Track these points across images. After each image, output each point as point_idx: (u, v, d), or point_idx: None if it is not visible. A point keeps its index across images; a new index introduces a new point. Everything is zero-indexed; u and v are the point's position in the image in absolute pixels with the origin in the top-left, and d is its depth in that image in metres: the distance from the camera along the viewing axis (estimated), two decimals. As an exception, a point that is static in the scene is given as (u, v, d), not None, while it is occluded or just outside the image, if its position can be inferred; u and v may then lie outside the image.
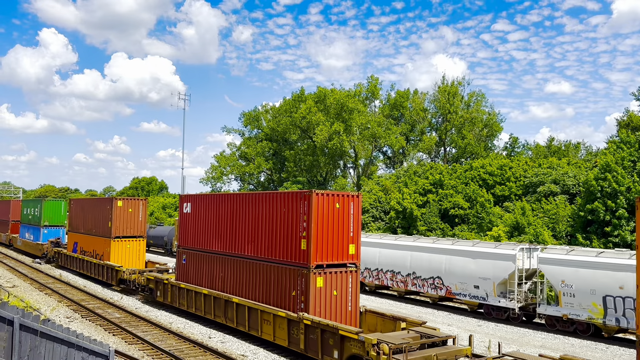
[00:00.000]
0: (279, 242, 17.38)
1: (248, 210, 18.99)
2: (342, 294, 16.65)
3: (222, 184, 75.62)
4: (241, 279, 18.96)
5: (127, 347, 17.66)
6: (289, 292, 16.77)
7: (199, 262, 21.40)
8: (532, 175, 41.65)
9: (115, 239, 29.56)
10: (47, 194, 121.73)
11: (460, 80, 61.84)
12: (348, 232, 16.84)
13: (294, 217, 16.82)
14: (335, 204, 16.70)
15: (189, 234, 22.26)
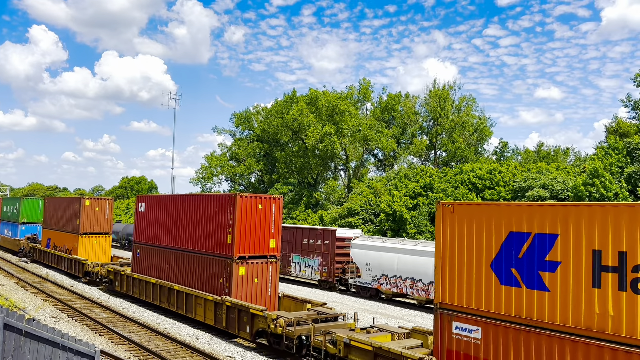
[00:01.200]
0: (211, 237, 20.03)
1: (188, 210, 21.67)
2: (262, 281, 19.44)
3: (213, 184, 75.40)
4: (182, 269, 21.60)
5: (113, 347, 17.51)
6: (217, 279, 19.48)
7: (150, 255, 23.89)
8: (521, 179, 41.96)
9: (82, 235, 32.03)
10: (35, 193, 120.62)
11: (452, 85, 62.25)
12: (269, 229, 19.65)
13: (222, 216, 19.47)
14: (258, 205, 19.49)
15: (142, 230, 24.58)
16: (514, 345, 10.56)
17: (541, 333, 10.16)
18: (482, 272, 11.27)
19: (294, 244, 33.85)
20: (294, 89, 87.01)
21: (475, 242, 11.45)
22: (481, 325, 11.13)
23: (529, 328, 10.36)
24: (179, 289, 21.21)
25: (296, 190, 63.63)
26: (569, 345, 9.59)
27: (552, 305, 10.14)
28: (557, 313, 10.04)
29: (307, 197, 60.76)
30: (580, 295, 9.77)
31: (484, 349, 10.97)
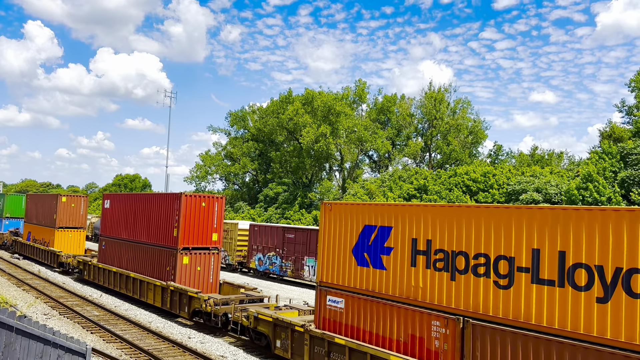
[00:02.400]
0: (161, 231, 22.70)
1: (143, 207, 24.41)
2: (205, 270, 22.03)
3: (207, 183, 75.26)
4: (138, 259, 24.33)
5: (105, 345, 17.43)
6: (165, 267, 22.10)
7: (113, 247, 26.64)
8: (515, 183, 42.13)
9: (58, 229, 34.43)
10: (29, 189, 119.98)
11: (447, 87, 62.45)
12: (212, 224, 22.17)
13: (170, 212, 22.17)
14: (202, 203, 22.06)
15: (107, 224, 27.36)
16: (364, 312, 13.60)
17: (380, 302, 13.14)
18: (347, 256, 14.18)
19: (308, 247, 32.07)
20: (289, 89, 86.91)
21: (343, 233, 14.34)
22: (344, 297, 14.08)
23: (374, 298, 13.30)
24: (134, 276, 23.97)
25: (291, 190, 63.59)
26: (395, 310, 12.82)
27: (387, 281, 13.11)
28: (390, 286, 13.01)
29: (301, 197, 60.74)
30: (404, 272, 12.73)
31: (345, 316, 14.06)
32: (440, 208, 12.34)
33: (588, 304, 9.63)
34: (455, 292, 11.67)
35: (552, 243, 10.24)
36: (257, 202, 66.69)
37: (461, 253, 11.64)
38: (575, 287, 9.81)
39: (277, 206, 61.87)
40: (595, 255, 9.63)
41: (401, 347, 12.50)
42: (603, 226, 9.56)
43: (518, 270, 10.66)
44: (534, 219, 10.54)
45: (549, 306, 10.14)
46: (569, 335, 9.76)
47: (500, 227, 10.99)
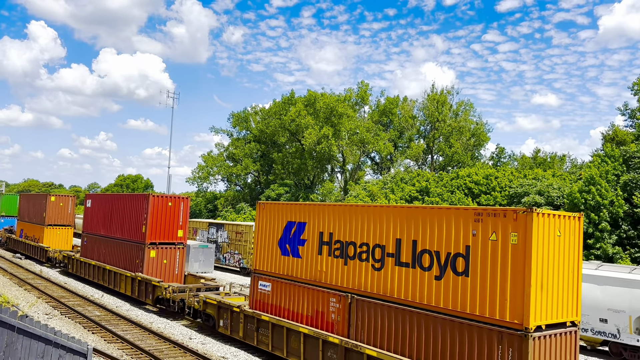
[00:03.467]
0: (132, 227, 25.40)
1: (117, 206, 27.22)
2: (170, 262, 24.68)
3: (209, 184, 75.30)
4: (113, 253, 27.08)
5: (106, 345, 17.44)
6: (134, 260, 24.81)
7: (93, 242, 29.37)
8: (517, 185, 42.05)
9: (48, 227, 37.06)
10: (31, 189, 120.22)
11: (450, 89, 62.39)
12: (178, 222, 24.83)
13: (140, 211, 24.81)
14: (168, 203, 24.76)
15: (88, 222, 30.13)
16: (285, 293, 16.37)
17: (296, 285, 15.98)
18: (274, 247, 16.97)
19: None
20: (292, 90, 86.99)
21: (272, 228, 17.10)
22: (271, 282, 16.91)
23: (292, 282, 16.13)
24: (109, 268, 26.72)
25: (292, 191, 63.59)
26: (306, 291, 15.60)
27: (301, 267, 15.87)
28: (303, 271, 15.78)
29: (303, 198, 60.72)
30: (313, 259, 15.54)
31: (271, 297, 16.84)
32: (337, 207, 15.26)
33: (429, 281, 12.45)
34: (346, 274, 14.55)
35: (408, 234, 13.06)
36: (259, 203, 66.54)
37: (352, 243, 14.51)
38: (422, 268, 12.67)
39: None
40: (435, 243, 12.43)
41: (309, 321, 15.36)
42: (439, 221, 12.37)
43: (387, 255, 13.51)
44: (397, 215, 13.36)
45: (405, 283, 13.00)
46: (417, 305, 12.62)
47: (377, 222, 13.86)
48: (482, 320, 11.32)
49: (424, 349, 12.30)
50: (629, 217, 31.96)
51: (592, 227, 31.48)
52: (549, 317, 11.13)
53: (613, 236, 31.26)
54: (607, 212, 31.51)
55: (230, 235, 38.96)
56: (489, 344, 11.17)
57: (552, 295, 11.25)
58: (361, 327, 13.83)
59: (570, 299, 11.79)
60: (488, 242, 11.42)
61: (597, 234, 31.15)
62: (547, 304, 11.12)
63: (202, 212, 73.32)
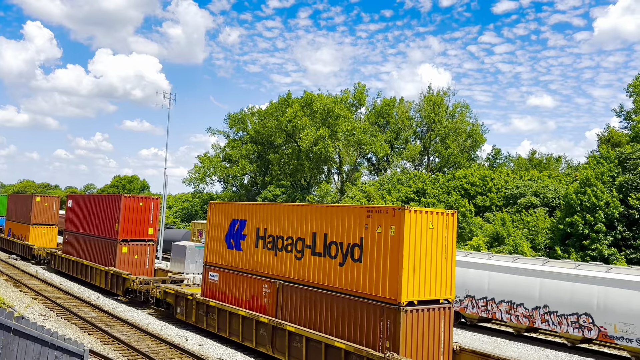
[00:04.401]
0: (106, 225, 27.74)
1: (94, 206, 29.58)
2: (141, 258, 27.03)
3: (205, 185, 75.16)
4: (90, 249, 29.29)
5: (102, 346, 17.40)
6: (108, 255, 27.12)
7: (73, 239, 31.46)
8: (513, 187, 42.17)
9: (33, 226, 39.05)
10: (27, 189, 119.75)
11: (446, 91, 62.54)
12: (148, 221, 27.16)
13: (113, 210, 27.16)
14: (140, 203, 27.13)
15: (69, 221, 32.28)
16: (229, 282, 18.73)
17: (238, 274, 18.39)
18: (221, 242, 19.34)
19: None
20: (289, 91, 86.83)
21: (220, 225, 19.46)
22: (219, 272, 19.29)
23: (235, 272, 18.55)
24: (86, 263, 28.89)
25: (289, 192, 63.57)
26: (245, 279, 17.99)
27: (242, 258, 18.29)
28: (244, 262, 18.20)
29: (299, 199, 60.71)
30: (252, 252, 17.91)
31: (219, 285, 19.21)
32: (270, 206, 17.87)
33: (335, 267, 14.83)
34: (276, 264, 16.82)
35: (321, 228, 15.38)
36: (256, 204, 66.49)
37: (280, 237, 16.82)
38: (330, 257, 14.99)
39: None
40: (339, 235, 14.75)
41: (247, 305, 17.72)
42: (342, 217, 14.76)
43: (306, 247, 15.81)
44: (313, 213, 15.76)
45: (318, 270, 15.29)
46: (327, 288, 14.97)
47: (299, 219, 16.19)
48: (371, 297, 13.72)
49: (330, 323, 14.80)
50: (624, 218, 32.10)
51: (588, 228, 31.60)
52: (421, 295, 13.39)
53: (609, 237, 31.38)
54: (602, 213, 31.64)
55: None
56: (375, 316, 13.58)
57: (424, 276, 13.50)
58: (285, 308, 16.27)
59: (444, 281, 13.95)
60: (375, 234, 13.79)
61: (593, 235, 31.27)
62: (420, 284, 13.39)
63: (199, 213, 73.21)
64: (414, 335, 13.22)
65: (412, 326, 13.15)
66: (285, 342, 15.60)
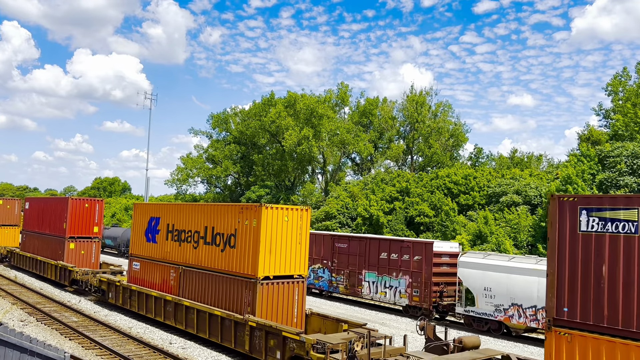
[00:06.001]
0: (57, 225, 30.84)
1: (47, 207, 32.81)
2: (87, 253, 30.35)
3: (188, 186, 74.52)
4: (43, 246, 32.65)
5: (84, 352, 17.09)
6: (58, 252, 30.42)
7: (30, 238, 35.00)
8: (495, 185, 42.56)
9: None
10: (4, 193, 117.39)
11: (428, 90, 62.88)
12: (94, 220, 30.49)
13: (62, 211, 30.37)
14: (85, 204, 30.57)
15: (27, 221, 35.73)
16: (147, 269, 22.11)
17: (153, 263, 21.77)
18: (142, 236, 22.56)
19: (367, 259, 27.70)
20: (272, 91, 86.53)
21: (142, 222, 22.83)
22: (140, 262, 22.69)
23: (152, 261, 21.88)
24: (40, 259, 32.24)
25: (273, 193, 63.34)
26: (159, 266, 21.36)
27: (157, 250, 21.70)
28: (158, 253, 21.61)
29: (284, 200, 60.53)
30: (163, 243, 21.28)
31: (140, 273, 22.60)
32: (176, 205, 22.07)
33: (219, 253, 18.43)
34: (180, 253, 20.30)
35: (210, 222, 18.99)
36: (239, 205, 66.14)
37: (183, 231, 20.25)
38: (216, 245, 18.60)
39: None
40: (222, 227, 18.40)
41: (159, 287, 21.15)
42: (224, 213, 18.49)
43: (200, 238, 19.35)
44: (206, 210, 19.47)
45: (208, 255, 18.90)
46: (213, 269, 18.62)
47: (196, 215, 19.73)
48: (240, 275, 17.34)
49: (214, 297, 18.34)
50: (604, 215, 32.54)
51: (569, 226, 31.98)
52: (276, 271, 17.07)
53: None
54: (583, 210, 32.05)
55: None
56: (242, 289, 17.20)
57: (279, 258, 17.11)
58: (185, 288, 19.80)
59: (298, 261, 17.60)
60: (244, 226, 17.40)
61: (574, 232, 31.67)
62: (275, 263, 16.98)
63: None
64: (269, 302, 16.84)
65: (267, 295, 16.79)
66: (183, 314, 19.23)
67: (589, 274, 9.68)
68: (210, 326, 17.92)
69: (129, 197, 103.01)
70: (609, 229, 9.46)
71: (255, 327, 16.06)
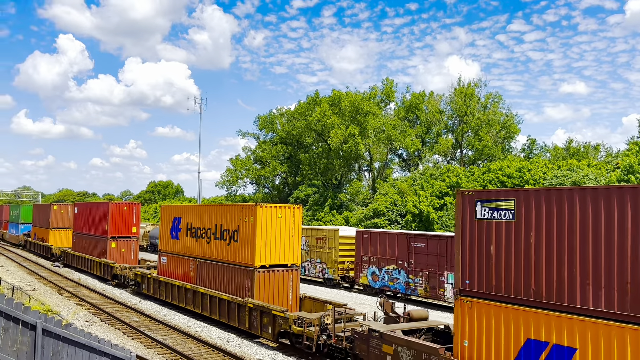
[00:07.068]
0: (100, 226, 34.35)
1: (92, 211, 36.44)
2: (127, 251, 33.55)
3: (238, 187, 75.81)
4: (90, 245, 36.13)
5: (146, 350, 17.63)
6: (102, 250, 33.78)
7: (79, 239, 38.40)
8: (551, 177, 41.02)
9: (52, 229, 45.85)
10: (65, 198, 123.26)
11: (477, 82, 61.27)
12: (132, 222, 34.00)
13: (104, 215, 33.82)
14: (124, 207, 33.93)
15: (76, 224, 39.45)
16: (173, 263, 25.02)
17: (177, 257, 24.67)
18: (168, 234, 25.61)
19: (448, 258, 25.71)
20: (316, 90, 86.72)
21: (167, 222, 25.80)
22: (167, 257, 25.62)
23: (176, 255, 24.75)
24: (87, 257, 35.77)
25: (320, 191, 63.50)
26: (180, 260, 24.27)
27: (178, 245, 24.64)
28: (179, 248, 24.48)
29: (331, 198, 60.56)
30: (184, 240, 24.13)
31: (168, 266, 25.51)
32: (193, 206, 24.86)
33: (225, 246, 21.11)
34: (196, 247, 23.10)
35: (220, 220, 21.61)
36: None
37: (199, 228, 23.02)
38: (223, 240, 21.27)
39: (307, 208, 61.88)
40: (228, 224, 21.02)
41: (182, 278, 24.06)
42: (229, 212, 21.17)
43: (212, 234, 22.03)
44: (216, 210, 22.23)
45: (217, 249, 21.59)
46: (221, 261, 21.33)
47: (209, 215, 22.45)
48: (242, 264, 19.98)
49: (223, 284, 21.08)
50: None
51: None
52: (271, 261, 19.62)
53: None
54: (648, 201, 30.41)
55: (309, 242, 34.28)
56: (243, 276, 19.90)
57: (274, 249, 19.66)
58: (201, 278, 22.57)
59: (291, 252, 20.03)
60: (244, 223, 20.00)
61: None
62: (270, 254, 19.56)
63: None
64: (266, 287, 19.45)
65: (264, 281, 19.39)
66: (199, 299, 22.28)
67: (482, 252, 11.71)
68: (220, 309, 20.88)
69: (182, 200, 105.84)
70: (495, 216, 11.55)
71: (253, 307, 18.99)
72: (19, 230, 59.22)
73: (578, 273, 10.02)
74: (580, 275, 9.99)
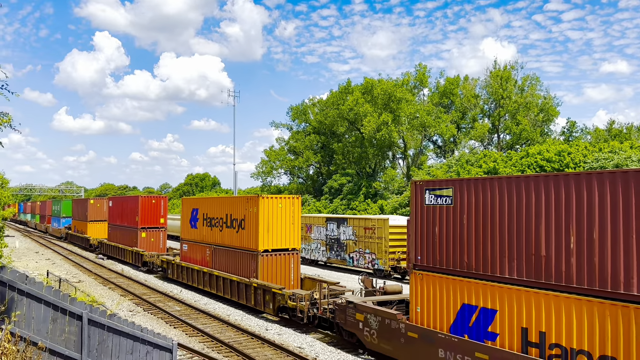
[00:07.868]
0: (131, 218, 37.17)
1: (124, 204, 39.32)
2: (156, 240, 36.47)
3: (273, 178, 76.47)
4: (123, 236, 39.28)
5: (188, 339, 18.11)
6: (133, 239, 36.84)
7: (114, 230, 41.72)
8: (592, 160, 39.73)
9: (89, 222, 50.01)
10: (107, 192, 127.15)
11: (513, 64, 59.69)
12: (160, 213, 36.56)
13: (135, 207, 36.57)
14: (152, 200, 36.55)
15: (111, 216, 42.71)
16: (192, 250, 27.49)
17: (195, 244, 27.25)
18: (188, 224, 28.11)
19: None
20: (348, 79, 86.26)
21: (187, 213, 28.26)
22: (188, 244, 28.06)
23: (195, 242, 27.30)
24: (121, 246, 39.33)
25: (354, 180, 63.38)
26: (199, 247, 26.84)
27: (197, 234, 27.15)
28: (197, 236, 27.04)
29: (365, 187, 60.38)
30: (201, 229, 26.60)
31: (188, 252, 28.00)
32: (208, 198, 27.21)
33: (234, 234, 23.51)
34: (211, 235, 25.60)
35: (230, 210, 24.01)
36: (322, 194, 67.01)
37: (213, 218, 25.50)
38: (233, 228, 23.65)
39: (342, 197, 61.91)
40: (237, 214, 23.37)
41: (200, 263, 26.70)
42: (238, 203, 23.37)
43: (223, 223, 24.52)
44: (228, 201, 24.49)
45: (228, 236, 24.05)
46: (231, 246, 23.82)
47: (222, 205, 24.88)
48: (248, 249, 22.40)
49: (233, 267, 23.55)
50: None
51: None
52: (273, 246, 21.87)
53: None
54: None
55: (357, 232, 33.52)
56: (249, 260, 22.31)
57: (276, 235, 21.88)
58: (216, 262, 25.10)
59: (291, 237, 22.17)
60: (249, 212, 22.32)
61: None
62: (272, 239, 21.81)
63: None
64: (269, 269, 21.77)
65: (267, 264, 21.74)
66: (214, 281, 25.03)
67: (429, 233, 13.75)
68: (231, 289, 23.55)
69: (219, 191, 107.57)
70: (439, 202, 13.54)
71: (257, 287, 21.54)
72: (60, 224, 64.11)
73: (498, 248, 11.99)
74: (499, 250, 11.95)
